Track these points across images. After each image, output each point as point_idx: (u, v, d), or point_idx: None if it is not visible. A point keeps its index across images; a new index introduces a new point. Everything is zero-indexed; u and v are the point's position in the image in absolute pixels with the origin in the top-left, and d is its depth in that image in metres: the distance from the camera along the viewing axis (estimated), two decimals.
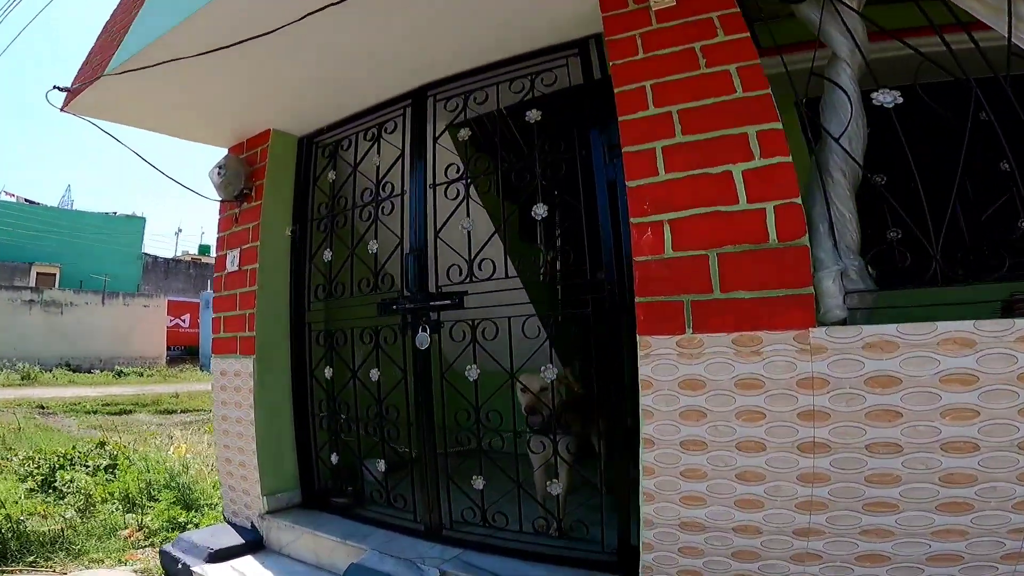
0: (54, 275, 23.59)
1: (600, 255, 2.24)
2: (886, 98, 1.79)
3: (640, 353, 1.85)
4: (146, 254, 27.92)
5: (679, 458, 1.81)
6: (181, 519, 3.93)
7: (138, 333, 21.21)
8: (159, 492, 4.38)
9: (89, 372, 18.47)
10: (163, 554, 3.11)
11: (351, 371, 2.94)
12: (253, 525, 3.25)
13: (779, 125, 1.81)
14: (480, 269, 2.50)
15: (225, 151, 3.65)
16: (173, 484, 4.49)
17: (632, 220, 1.96)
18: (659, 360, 1.83)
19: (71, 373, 17.60)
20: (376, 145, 3.11)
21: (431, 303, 2.60)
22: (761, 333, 1.71)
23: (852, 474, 1.61)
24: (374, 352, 2.84)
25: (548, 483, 2.39)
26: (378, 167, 3.08)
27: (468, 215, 2.61)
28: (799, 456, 1.65)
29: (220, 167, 3.37)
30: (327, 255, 3.15)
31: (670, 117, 1.96)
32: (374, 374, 2.83)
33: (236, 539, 3.17)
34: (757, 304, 1.73)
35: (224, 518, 3.58)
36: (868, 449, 1.59)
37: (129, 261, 26.07)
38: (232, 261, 3.39)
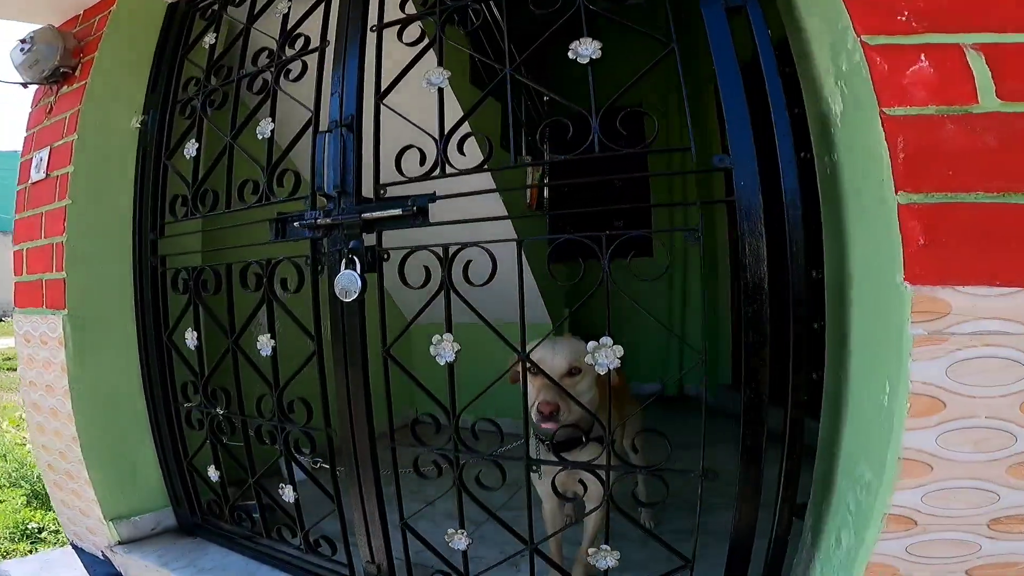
0: None
1: (721, 128, 0.98)
2: None
3: (914, 329, 0.66)
4: None
5: (978, 546, 0.66)
6: (34, 523, 2.59)
7: None
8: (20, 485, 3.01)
9: None
10: None
11: (227, 337, 1.55)
12: (105, 555, 1.94)
13: None
14: (463, 153, 1.18)
15: None
16: (28, 477, 3.08)
17: (867, 40, 0.73)
18: (970, 346, 0.64)
19: None
20: None
21: (365, 215, 1.25)
22: None
23: None
24: (265, 306, 1.48)
25: (590, 552, 1.14)
26: (286, 16, 1.63)
27: (441, 63, 1.26)
28: None
29: (25, 40, 1.88)
30: (191, 149, 1.68)
31: None
32: (266, 345, 1.47)
33: (79, 574, 1.93)
34: None
35: (68, 541, 2.23)
36: None
37: None
38: (38, 166, 1.86)
